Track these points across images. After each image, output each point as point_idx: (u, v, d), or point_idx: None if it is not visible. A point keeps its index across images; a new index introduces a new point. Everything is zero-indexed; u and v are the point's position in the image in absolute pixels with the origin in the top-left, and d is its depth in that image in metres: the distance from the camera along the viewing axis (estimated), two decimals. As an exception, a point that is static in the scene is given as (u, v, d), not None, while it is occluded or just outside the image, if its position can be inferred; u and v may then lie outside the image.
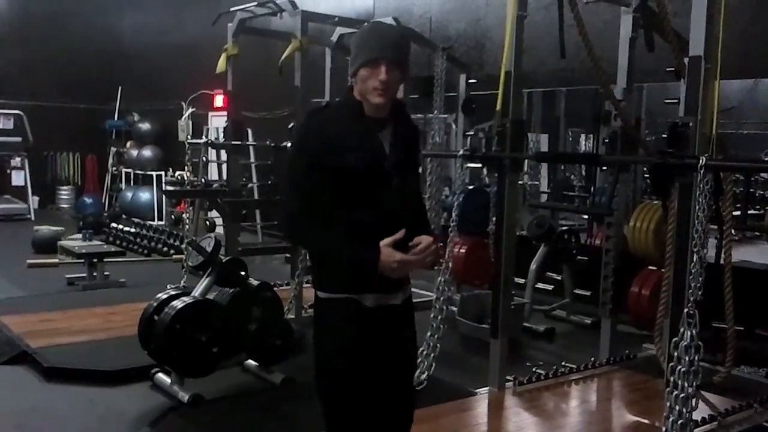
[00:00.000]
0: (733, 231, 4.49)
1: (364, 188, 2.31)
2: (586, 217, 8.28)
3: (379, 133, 2.36)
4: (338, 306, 2.37)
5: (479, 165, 6.62)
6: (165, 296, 4.54)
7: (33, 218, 12.65)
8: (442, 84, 6.58)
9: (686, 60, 3.37)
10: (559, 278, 6.74)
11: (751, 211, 6.57)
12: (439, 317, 4.65)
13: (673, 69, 4.41)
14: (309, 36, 5.94)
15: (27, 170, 13.49)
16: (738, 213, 4.31)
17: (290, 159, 2.43)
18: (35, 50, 13.76)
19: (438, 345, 4.64)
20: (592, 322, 6.15)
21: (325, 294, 2.41)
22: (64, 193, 14.55)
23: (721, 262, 4.41)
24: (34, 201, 13.48)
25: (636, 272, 5.44)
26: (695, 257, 3.11)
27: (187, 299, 4.40)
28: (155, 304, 4.51)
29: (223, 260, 4.66)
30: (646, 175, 6.94)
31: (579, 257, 6.59)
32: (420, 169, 2.79)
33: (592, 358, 5.06)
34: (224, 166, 10.00)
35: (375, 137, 2.35)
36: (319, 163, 2.29)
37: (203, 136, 10.03)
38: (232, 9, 6.60)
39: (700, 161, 3.07)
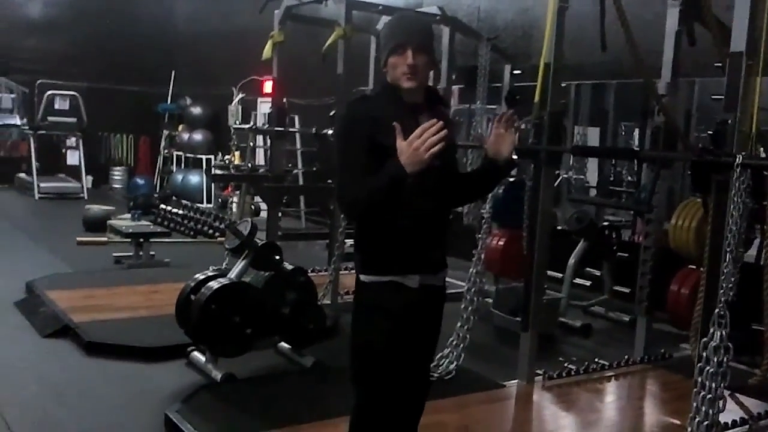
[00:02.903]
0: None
1: None
2: (632, 213, 8.15)
3: (418, 117, 2.38)
4: (382, 289, 2.39)
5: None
6: (202, 277, 4.61)
7: (86, 197, 12.95)
8: (486, 74, 6.56)
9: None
10: (598, 274, 6.65)
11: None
12: (470, 308, 4.65)
13: (720, 64, 4.30)
14: (355, 24, 5.94)
15: (81, 150, 13.84)
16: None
17: (340, 146, 2.45)
18: (91, 33, 14.09)
19: (468, 336, 4.63)
20: (631, 320, 6.05)
21: (368, 277, 2.43)
22: (117, 173, 14.91)
23: (762, 262, 4.31)
24: (87, 180, 13.84)
25: (677, 270, 5.35)
26: (728, 257, 3.05)
27: (223, 280, 4.47)
28: (192, 284, 4.58)
29: (259, 244, 4.72)
30: (690, 172, 6.79)
31: (620, 254, 6.49)
32: (457, 149, 2.79)
33: (626, 356, 5.00)
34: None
35: (415, 120, 2.36)
36: (369, 144, 2.32)
37: (251, 122, 10.18)
38: (279, -4, 6.64)
39: (737, 159, 3.01)
